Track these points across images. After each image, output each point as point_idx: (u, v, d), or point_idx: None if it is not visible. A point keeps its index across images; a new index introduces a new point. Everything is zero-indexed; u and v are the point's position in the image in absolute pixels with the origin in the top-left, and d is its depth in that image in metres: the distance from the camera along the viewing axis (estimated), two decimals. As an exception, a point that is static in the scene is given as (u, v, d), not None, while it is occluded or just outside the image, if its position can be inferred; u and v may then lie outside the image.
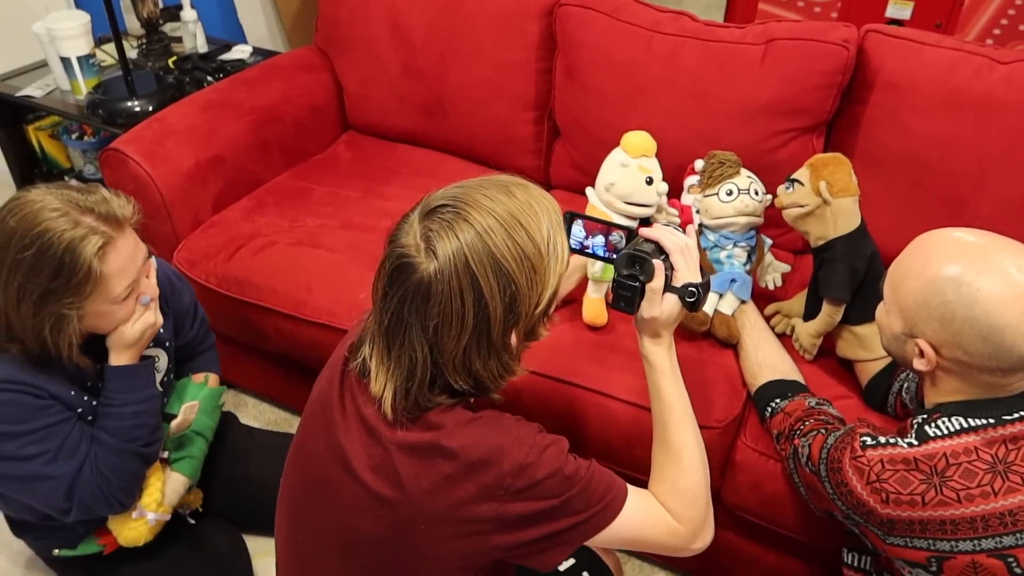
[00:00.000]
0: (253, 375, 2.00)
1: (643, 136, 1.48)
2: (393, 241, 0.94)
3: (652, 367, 1.12)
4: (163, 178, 1.79)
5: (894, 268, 1.06)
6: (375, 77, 2.11)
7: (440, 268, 0.89)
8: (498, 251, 0.90)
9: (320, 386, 1.09)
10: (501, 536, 0.95)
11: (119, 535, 1.39)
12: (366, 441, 0.98)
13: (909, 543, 1.00)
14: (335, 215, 1.88)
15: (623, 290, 1.08)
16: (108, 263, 1.14)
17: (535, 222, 0.93)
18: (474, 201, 0.92)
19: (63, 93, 2.21)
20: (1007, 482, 0.95)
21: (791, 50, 1.62)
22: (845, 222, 1.36)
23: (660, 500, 1.08)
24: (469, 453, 0.93)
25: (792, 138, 1.68)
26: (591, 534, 1.00)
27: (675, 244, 1.09)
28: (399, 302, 0.92)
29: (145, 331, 1.27)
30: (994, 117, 1.53)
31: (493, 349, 0.94)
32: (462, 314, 0.90)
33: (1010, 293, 0.93)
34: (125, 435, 1.28)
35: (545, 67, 1.93)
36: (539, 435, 0.98)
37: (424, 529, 0.95)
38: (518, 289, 0.91)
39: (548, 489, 0.95)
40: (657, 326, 1.09)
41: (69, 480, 1.23)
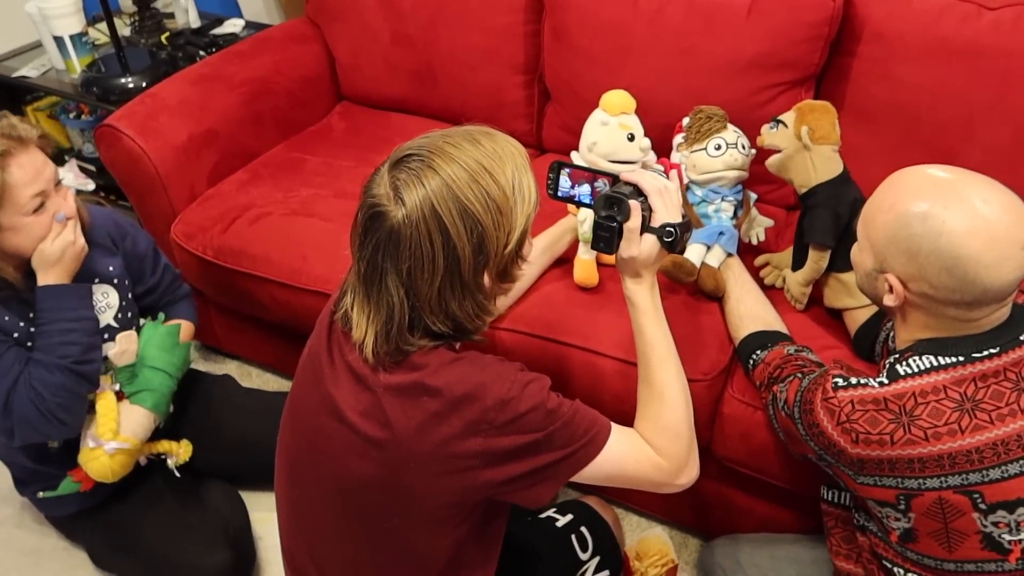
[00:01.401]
0: (254, 345, 2.03)
1: (621, 94, 1.49)
2: (366, 192, 0.98)
3: (635, 307, 1.15)
4: (157, 152, 1.81)
5: (867, 205, 1.06)
6: (366, 46, 2.11)
7: (408, 214, 0.92)
8: (463, 195, 0.93)
9: (309, 345, 1.13)
10: (489, 471, 0.99)
11: (86, 467, 1.43)
12: (354, 388, 1.01)
13: (878, 482, 1.01)
14: (328, 184, 1.89)
15: (602, 231, 1.11)
16: (11, 173, 1.22)
17: (499, 166, 0.96)
18: (439, 150, 0.95)
19: (58, 73, 2.23)
20: (974, 420, 0.96)
21: (777, 3, 1.61)
22: (826, 168, 1.37)
23: (644, 436, 1.11)
24: (453, 390, 0.97)
25: (781, 92, 1.68)
26: (576, 469, 1.03)
27: (653, 186, 1.12)
28: (373, 249, 0.96)
29: (65, 249, 1.32)
30: (982, 64, 1.52)
31: (467, 289, 0.98)
32: (432, 256, 0.94)
33: (974, 225, 0.94)
34: (55, 351, 1.33)
35: (534, 30, 1.93)
36: (521, 372, 1.01)
37: (414, 467, 0.98)
38: (484, 230, 0.95)
39: (531, 423, 0.98)
40: (637, 266, 1.12)
41: (4, 397, 1.30)
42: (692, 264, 1.47)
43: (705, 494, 1.59)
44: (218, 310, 1.99)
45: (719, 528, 1.60)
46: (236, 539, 1.56)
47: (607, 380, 1.45)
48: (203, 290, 1.89)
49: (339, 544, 1.09)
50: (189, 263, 1.82)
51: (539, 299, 1.54)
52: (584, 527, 1.46)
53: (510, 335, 1.51)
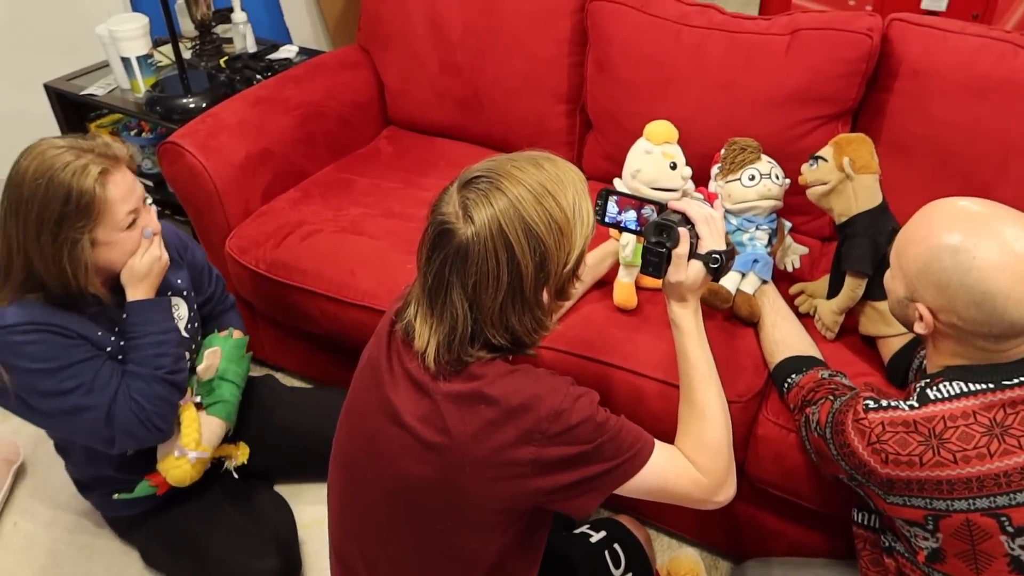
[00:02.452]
0: (300, 358, 2.10)
1: (665, 124, 1.55)
2: (435, 210, 1.04)
3: (679, 330, 1.20)
4: (216, 169, 1.90)
5: (900, 235, 1.10)
6: (414, 73, 2.20)
7: (477, 232, 0.98)
8: (528, 215, 0.99)
9: (368, 352, 1.19)
10: (539, 479, 1.03)
11: (167, 474, 1.51)
12: (414, 394, 1.07)
13: (907, 502, 1.05)
14: (376, 204, 1.97)
15: (651, 256, 1.17)
16: (108, 189, 1.29)
17: (561, 190, 1.02)
18: (506, 172, 1.01)
19: (123, 92, 2.34)
20: (1003, 444, 0.99)
21: (815, 40, 1.67)
22: (867, 198, 1.41)
23: (685, 454, 1.15)
24: (509, 400, 1.02)
25: (818, 126, 1.72)
26: (621, 481, 1.08)
27: (700, 214, 1.18)
28: (440, 264, 1.01)
29: (152, 264, 1.40)
30: (1017, 102, 1.55)
31: (527, 305, 1.03)
32: (497, 273, 0.99)
33: (1003, 261, 0.97)
34: (150, 363, 1.40)
35: (577, 61, 2.00)
36: (572, 386, 1.06)
37: (469, 472, 1.03)
38: (547, 249, 1.01)
39: (582, 434, 1.03)
40: (683, 290, 1.17)
41: (106, 408, 1.37)
42: (728, 291, 1.52)
43: (737, 516, 1.62)
44: (266, 322, 2.07)
45: (750, 550, 1.63)
46: (285, 546, 1.63)
47: (646, 400, 1.49)
48: (254, 303, 1.98)
49: (390, 544, 1.14)
50: (242, 276, 1.90)
51: (579, 319, 1.59)
52: (617, 544, 1.49)
53: (551, 353, 1.56)
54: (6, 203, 1.29)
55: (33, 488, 1.90)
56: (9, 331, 1.30)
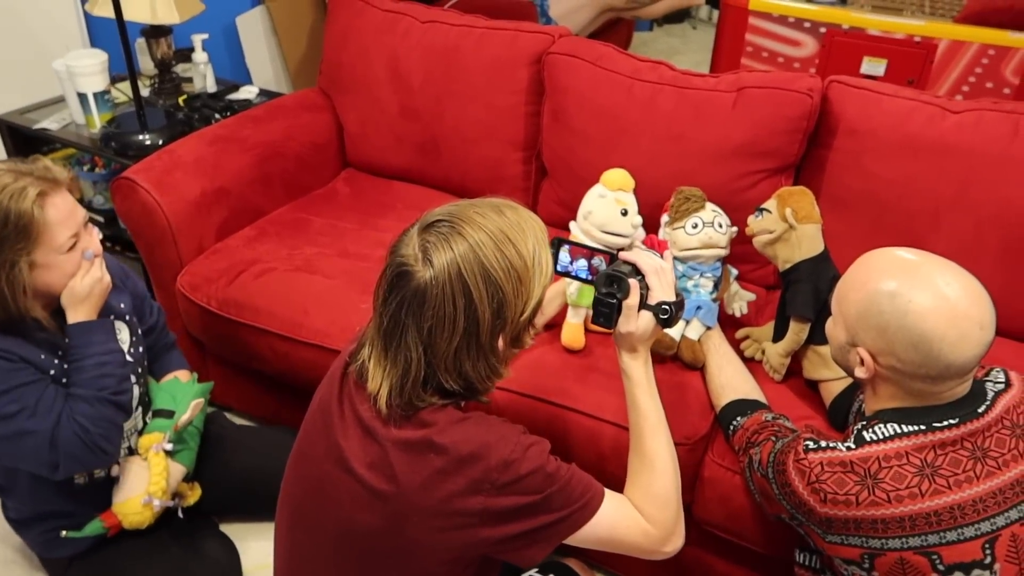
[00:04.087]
0: (249, 398, 2.07)
1: (621, 173, 1.60)
2: (394, 252, 1.04)
3: (629, 379, 1.21)
4: (170, 205, 1.89)
5: (840, 282, 1.16)
6: (374, 117, 2.24)
7: (435, 276, 0.99)
8: (487, 262, 1.00)
9: (319, 394, 1.18)
10: (487, 529, 1.03)
11: (124, 518, 1.47)
12: (363, 440, 1.06)
13: (845, 540, 1.08)
14: (332, 244, 1.98)
15: (602, 307, 1.18)
16: (47, 211, 1.28)
17: (522, 238, 1.03)
18: (467, 217, 1.02)
19: (78, 127, 2.33)
20: (934, 484, 1.04)
21: (760, 98, 1.75)
22: (809, 246, 1.48)
23: (635, 504, 1.15)
24: (459, 448, 1.01)
25: (762, 178, 1.80)
26: (570, 532, 1.08)
27: (650, 266, 1.20)
28: (397, 306, 1.02)
29: (94, 286, 1.38)
30: (947, 161, 1.65)
31: (482, 351, 1.04)
32: (454, 317, 1.00)
33: (937, 306, 1.03)
34: (94, 384, 1.38)
35: (534, 110, 2.06)
36: (523, 435, 1.06)
37: (416, 521, 1.03)
38: (504, 296, 1.01)
39: (531, 485, 1.03)
40: (633, 340, 1.18)
41: (49, 432, 1.34)
42: (672, 339, 1.56)
43: (685, 559, 1.63)
44: (215, 360, 2.04)
45: (697, 594, 1.64)
46: None
47: (600, 443, 1.51)
48: (204, 340, 1.95)
49: None
50: (192, 313, 1.88)
51: (530, 361, 1.61)
52: (552, 574, 1.49)
53: (505, 395, 1.57)
54: None
55: (-39, 531, 1.82)
56: None
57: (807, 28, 2.78)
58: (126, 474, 1.52)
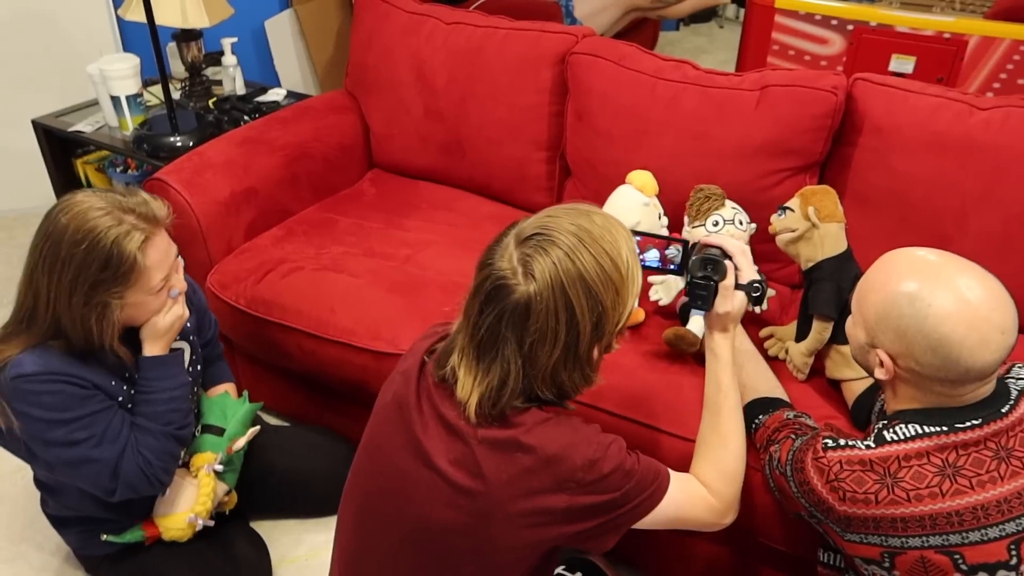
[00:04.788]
0: (277, 394, 2.10)
1: (650, 175, 1.65)
2: (487, 263, 1.05)
3: (717, 358, 1.25)
4: (201, 206, 1.93)
5: (861, 282, 1.15)
6: (399, 118, 2.26)
7: (539, 290, 1.00)
8: (588, 275, 1.02)
9: (393, 390, 1.18)
10: (568, 526, 1.06)
11: (166, 532, 1.51)
12: (445, 437, 1.08)
13: (864, 539, 1.08)
14: (358, 244, 2.01)
15: (699, 290, 1.23)
16: (148, 256, 1.29)
17: (616, 248, 1.05)
18: (565, 230, 1.03)
19: (111, 129, 2.38)
20: (955, 484, 1.03)
21: (784, 96, 1.75)
22: (832, 245, 1.47)
23: (702, 479, 1.20)
24: (546, 448, 1.04)
25: (786, 177, 1.79)
26: (640, 516, 1.11)
27: (737, 247, 1.25)
28: (496, 318, 1.03)
29: (175, 322, 1.41)
30: (973, 158, 1.63)
31: (578, 363, 1.06)
32: (556, 331, 1.02)
33: (958, 310, 1.01)
34: (162, 419, 1.40)
35: (557, 110, 2.07)
36: (602, 434, 1.09)
37: (500, 518, 1.05)
38: (604, 308, 1.04)
39: (612, 483, 1.06)
40: (727, 320, 1.24)
41: (114, 462, 1.35)
42: (694, 335, 1.56)
43: (708, 557, 1.63)
44: (244, 358, 2.08)
45: (720, 592, 1.64)
46: None
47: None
48: (232, 338, 1.99)
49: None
50: (222, 311, 1.92)
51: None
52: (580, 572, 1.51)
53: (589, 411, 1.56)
54: (39, 257, 1.27)
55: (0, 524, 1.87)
56: (26, 380, 1.28)
57: (834, 26, 2.76)
58: (175, 489, 1.54)
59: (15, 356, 1.30)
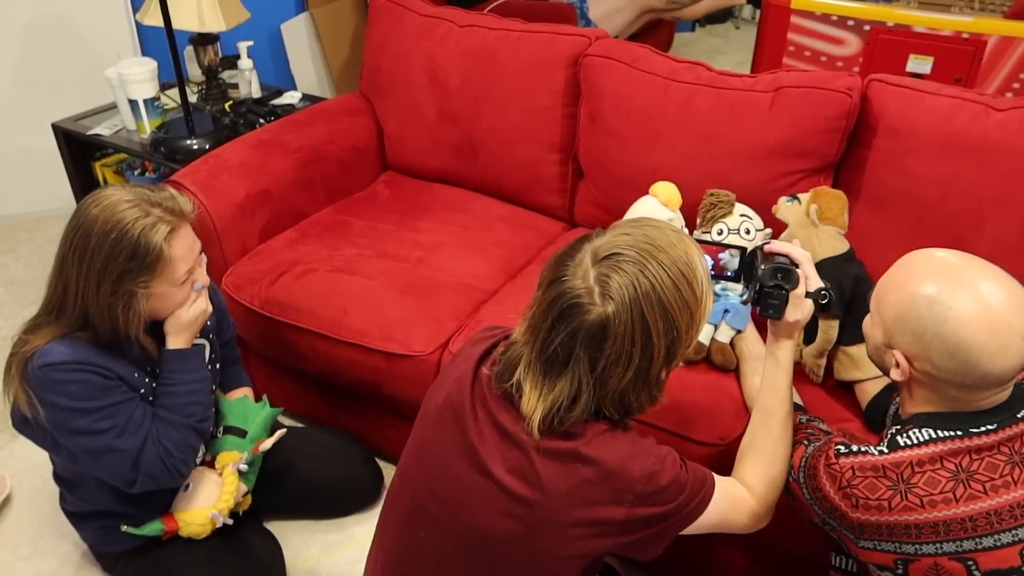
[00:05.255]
0: (291, 396, 2.12)
1: (674, 188, 1.66)
2: (560, 280, 1.03)
3: (779, 365, 1.24)
4: (216, 208, 1.95)
5: (881, 281, 1.13)
6: (413, 121, 2.27)
7: (617, 312, 0.99)
8: (666, 300, 1.01)
9: (446, 393, 1.17)
10: (624, 536, 1.06)
11: (186, 527, 1.53)
12: (501, 445, 1.08)
13: (878, 546, 1.07)
14: (371, 246, 2.02)
15: (771, 299, 1.23)
16: (174, 247, 1.32)
17: (693, 272, 1.04)
18: (646, 252, 1.01)
19: (129, 133, 2.41)
20: (969, 490, 1.02)
21: (798, 97, 1.74)
22: (830, 246, 1.48)
23: (748, 483, 1.20)
24: (606, 460, 1.04)
25: (800, 179, 1.78)
26: (687, 524, 1.11)
27: (803, 256, 1.24)
28: (569, 337, 1.01)
29: (198, 316, 1.44)
30: (990, 160, 1.61)
31: (647, 384, 1.06)
32: (631, 354, 1.01)
33: (978, 314, 1.00)
34: (183, 411, 1.43)
35: (570, 112, 2.07)
36: (657, 446, 1.09)
37: (558, 529, 1.05)
38: (679, 333, 1.03)
39: (669, 495, 1.06)
40: (795, 328, 1.23)
41: (135, 453, 1.38)
42: (700, 343, 1.56)
43: (722, 561, 1.62)
44: (258, 359, 2.09)
45: (732, 596, 1.63)
46: None
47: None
48: (247, 339, 2.00)
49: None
50: (237, 313, 1.93)
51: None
52: None
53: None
54: (69, 248, 1.30)
55: (18, 521, 1.90)
56: (53, 368, 1.31)
57: (851, 26, 2.74)
58: (198, 484, 1.56)
59: (43, 345, 1.33)
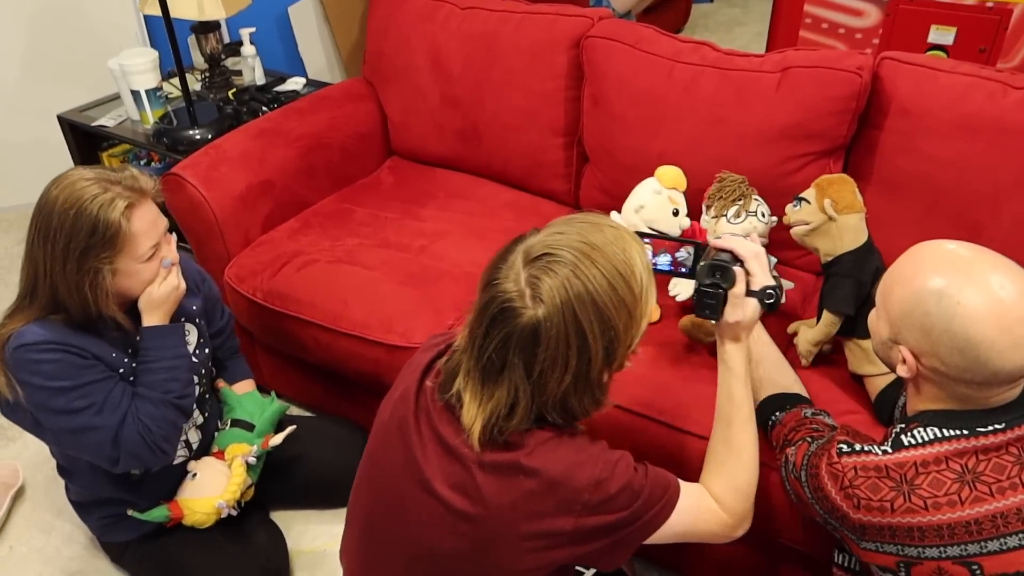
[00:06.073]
0: (297, 386, 2.12)
1: (677, 171, 1.60)
2: (493, 284, 0.99)
3: (729, 370, 1.19)
4: (217, 200, 1.93)
5: (887, 275, 1.09)
6: (416, 106, 2.24)
7: (548, 315, 0.94)
8: (601, 300, 0.96)
9: (392, 406, 1.15)
10: (576, 547, 1.02)
11: (190, 515, 1.55)
12: (443, 460, 1.04)
13: (880, 548, 1.03)
14: (373, 235, 2.00)
15: (708, 298, 1.16)
16: (133, 222, 1.33)
17: (631, 270, 0.99)
18: (577, 250, 0.97)
19: (133, 123, 2.40)
20: (974, 492, 0.98)
21: (806, 77, 1.68)
22: (852, 238, 1.41)
23: (714, 493, 1.15)
24: (550, 470, 0.99)
25: (809, 162, 1.72)
26: (650, 533, 1.07)
27: (749, 251, 1.18)
28: (502, 343, 0.97)
29: (170, 293, 1.44)
30: (1008, 141, 1.55)
31: (589, 387, 1.01)
32: (567, 358, 0.96)
33: (988, 309, 0.95)
34: (161, 387, 1.44)
35: (574, 96, 2.02)
36: (608, 451, 1.04)
37: (503, 544, 1.01)
38: (617, 333, 0.98)
39: (620, 502, 1.02)
40: (739, 330, 1.17)
41: (114, 429, 1.39)
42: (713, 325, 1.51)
43: (725, 553, 1.60)
44: (264, 350, 2.09)
45: (738, 589, 1.61)
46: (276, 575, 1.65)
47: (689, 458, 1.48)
48: (252, 331, 2.00)
49: None
50: (240, 305, 1.93)
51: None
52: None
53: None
54: (35, 230, 1.33)
55: (30, 513, 1.92)
56: (27, 349, 1.34)
57: (868, -3, 2.65)
58: (205, 472, 1.58)
59: (19, 328, 1.36)
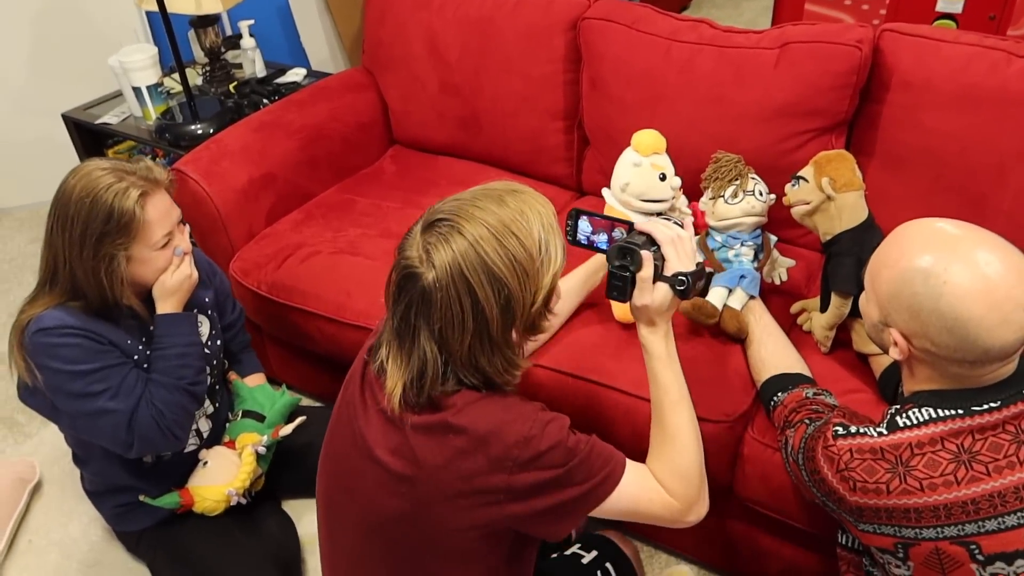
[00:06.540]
0: (305, 376, 2.13)
1: (652, 134, 1.54)
2: (400, 252, 1.04)
3: (649, 353, 1.18)
4: (219, 195, 1.95)
5: (874, 257, 1.07)
6: (415, 94, 2.23)
7: (438, 277, 0.98)
8: (489, 259, 0.98)
9: (344, 392, 1.19)
10: (513, 505, 1.04)
11: (201, 502, 1.58)
12: (384, 427, 1.08)
13: (877, 529, 1.03)
14: (375, 225, 2.00)
15: (615, 280, 1.16)
16: (147, 211, 1.38)
17: (526, 228, 1.01)
18: (468, 214, 1.00)
19: (136, 120, 2.42)
20: (971, 471, 0.97)
21: (804, 53, 1.65)
22: (851, 216, 1.39)
23: (656, 477, 1.14)
24: (477, 427, 1.02)
25: (810, 139, 1.70)
26: (595, 504, 1.08)
27: (666, 236, 1.15)
28: (406, 307, 1.02)
29: (183, 281, 1.49)
30: (1012, 111, 1.52)
31: (496, 346, 1.03)
32: (462, 317, 0.99)
33: (975, 287, 0.94)
34: (173, 373, 1.48)
35: (572, 78, 2.01)
36: (542, 411, 1.06)
37: (442, 502, 1.04)
38: (511, 291, 1.00)
39: (552, 460, 1.03)
40: (650, 314, 1.15)
41: (128, 413, 1.44)
42: (713, 307, 1.50)
43: (731, 534, 1.60)
44: (272, 341, 2.11)
45: (745, 568, 1.61)
46: (287, 564, 1.68)
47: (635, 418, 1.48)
48: (259, 323, 2.01)
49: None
50: (246, 298, 1.94)
51: (574, 337, 1.59)
52: (609, 563, 1.49)
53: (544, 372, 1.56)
54: (53, 218, 1.38)
55: (47, 506, 1.96)
56: (46, 333, 1.38)
57: (874, -34, 2.61)
58: (216, 460, 1.61)
59: (38, 313, 1.40)
